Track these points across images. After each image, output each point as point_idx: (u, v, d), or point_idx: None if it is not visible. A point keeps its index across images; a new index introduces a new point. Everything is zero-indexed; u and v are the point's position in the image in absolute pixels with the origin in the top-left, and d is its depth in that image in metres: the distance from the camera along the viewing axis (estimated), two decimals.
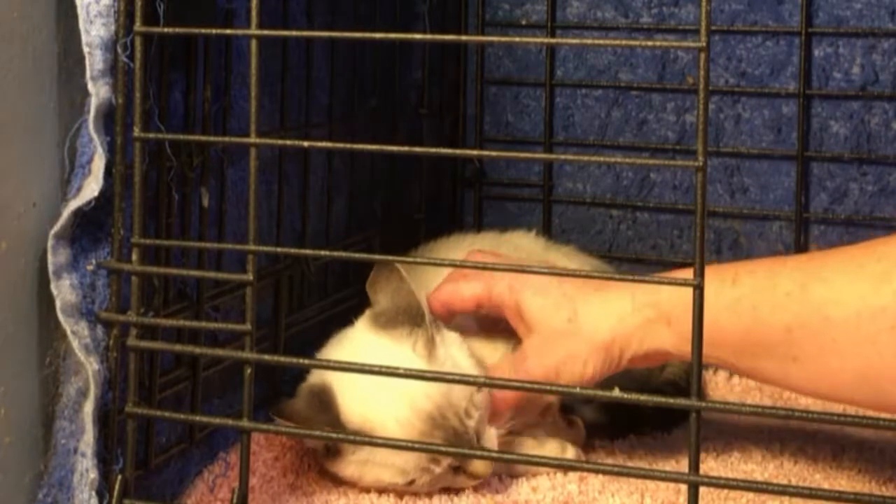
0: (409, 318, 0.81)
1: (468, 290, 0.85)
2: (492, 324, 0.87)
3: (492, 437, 0.81)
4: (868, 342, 0.70)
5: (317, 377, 0.82)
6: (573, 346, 0.80)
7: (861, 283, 0.72)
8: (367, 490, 0.81)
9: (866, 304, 0.71)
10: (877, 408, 0.74)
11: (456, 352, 0.82)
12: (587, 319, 0.80)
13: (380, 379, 0.75)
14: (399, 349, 0.80)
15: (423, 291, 0.95)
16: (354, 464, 0.80)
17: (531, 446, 0.85)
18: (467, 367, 0.81)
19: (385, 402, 0.77)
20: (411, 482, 0.78)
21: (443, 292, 0.86)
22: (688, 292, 0.74)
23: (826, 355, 0.73)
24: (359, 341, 0.83)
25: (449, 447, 0.76)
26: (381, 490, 0.80)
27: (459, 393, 0.78)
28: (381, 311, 0.82)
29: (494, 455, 0.78)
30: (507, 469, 0.84)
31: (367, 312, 0.84)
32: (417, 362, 0.79)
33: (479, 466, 0.80)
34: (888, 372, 0.70)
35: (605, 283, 0.82)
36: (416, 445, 0.75)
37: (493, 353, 0.86)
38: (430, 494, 0.80)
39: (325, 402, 0.78)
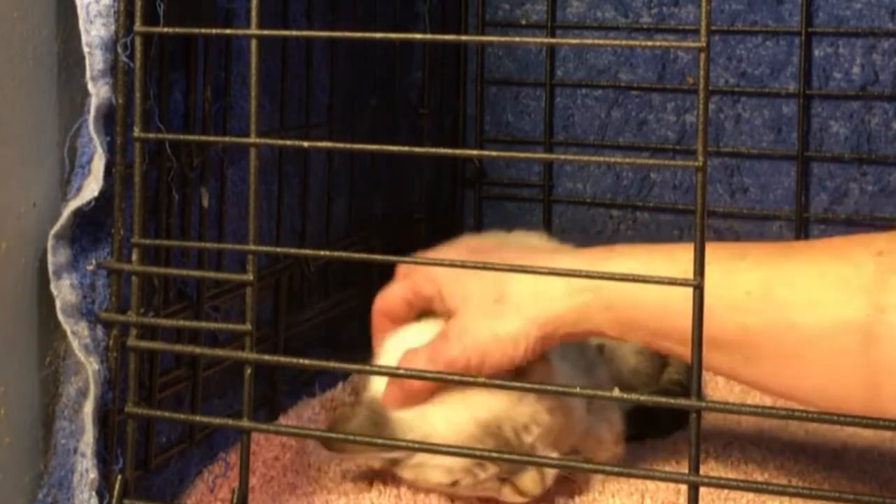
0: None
1: (394, 293, 0.83)
2: None
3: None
4: (838, 353, 0.67)
5: (373, 391, 0.81)
6: (500, 327, 0.76)
7: (833, 291, 0.68)
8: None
9: (839, 313, 0.67)
10: (822, 404, 0.70)
11: None
12: (516, 300, 0.76)
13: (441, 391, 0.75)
14: None
15: None
16: (411, 468, 0.79)
17: None
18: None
19: (442, 410, 0.76)
20: (455, 483, 0.77)
21: (377, 305, 0.84)
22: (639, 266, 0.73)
23: (786, 359, 0.70)
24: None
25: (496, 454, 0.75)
26: (430, 490, 0.80)
27: (523, 409, 0.77)
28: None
29: (493, 454, 0.77)
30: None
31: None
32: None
33: (527, 483, 0.77)
34: (857, 383, 0.67)
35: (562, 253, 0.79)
36: (456, 450, 0.73)
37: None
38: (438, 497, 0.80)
39: (380, 421, 0.77)
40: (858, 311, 0.67)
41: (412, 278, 0.82)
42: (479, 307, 0.77)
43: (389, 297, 0.84)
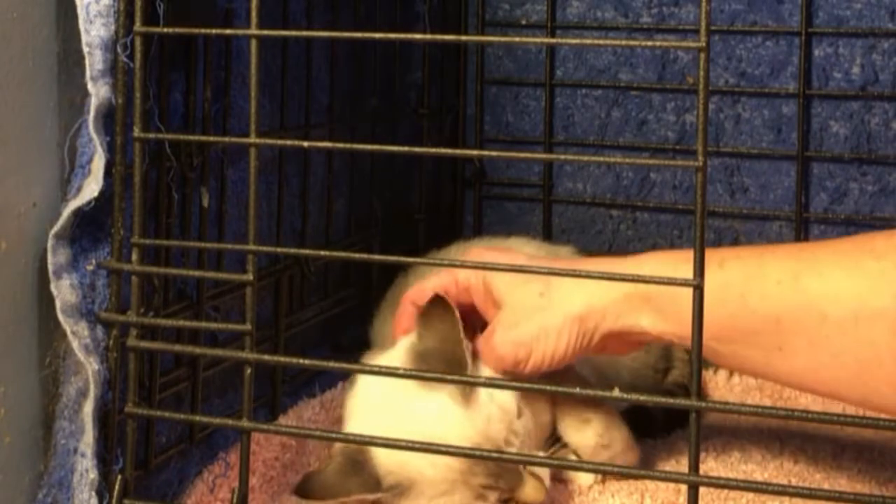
0: (450, 366, 0.77)
1: (433, 283, 0.83)
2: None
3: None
4: (866, 344, 0.69)
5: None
6: (545, 320, 0.77)
7: (858, 282, 0.70)
8: None
9: (865, 305, 0.69)
10: (863, 406, 0.72)
11: (496, 391, 0.78)
12: (560, 293, 0.78)
13: (415, 430, 0.73)
14: (435, 399, 0.76)
15: None
16: None
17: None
18: (507, 402, 0.78)
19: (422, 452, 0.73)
20: None
21: (410, 293, 0.84)
22: (674, 269, 0.73)
23: (817, 350, 0.71)
24: (395, 387, 0.78)
25: (493, 473, 0.74)
26: None
27: (497, 425, 0.76)
28: (425, 351, 0.78)
29: (502, 457, 0.75)
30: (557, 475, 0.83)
31: (411, 345, 0.79)
32: (455, 410, 0.76)
33: (530, 492, 0.76)
34: (885, 374, 0.69)
35: (580, 262, 0.80)
36: (444, 449, 0.71)
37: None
38: None
39: (358, 462, 0.75)
40: (881, 300, 0.68)
41: (451, 271, 0.83)
42: (526, 297, 0.79)
43: (427, 287, 0.83)
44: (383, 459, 0.75)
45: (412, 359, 0.79)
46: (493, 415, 0.76)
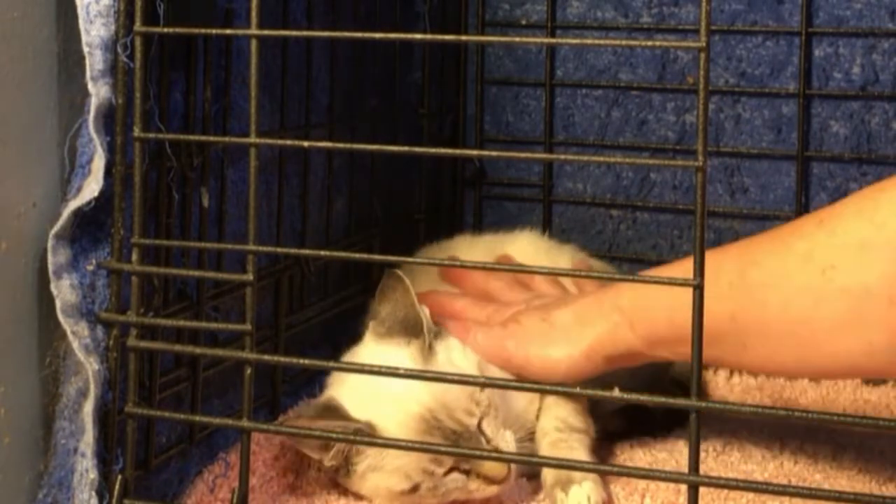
0: (407, 328, 0.82)
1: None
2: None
3: (507, 438, 0.79)
4: (799, 323, 0.71)
5: (325, 395, 0.83)
6: (550, 351, 0.82)
7: (788, 264, 0.72)
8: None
9: (793, 284, 0.71)
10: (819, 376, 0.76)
11: (457, 357, 0.82)
12: (560, 325, 0.83)
13: (377, 386, 0.77)
14: (395, 358, 0.80)
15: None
16: (365, 473, 0.78)
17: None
18: (468, 369, 0.81)
19: (384, 407, 0.77)
20: (416, 487, 0.77)
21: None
22: (646, 295, 0.78)
23: (769, 340, 0.73)
24: (361, 353, 0.84)
25: (452, 448, 0.75)
26: (393, 500, 0.79)
27: (457, 393, 0.78)
28: (382, 321, 0.83)
29: (493, 454, 0.77)
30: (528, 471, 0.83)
31: (372, 324, 0.84)
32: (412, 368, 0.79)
33: (492, 467, 0.76)
34: (823, 348, 0.71)
35: (577, 295, 0.85)
36: (417, 445, 0.74)
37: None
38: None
39: (331, 409, 0.78)
40: (806, 276, 0.71)
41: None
42: (532, 320, 0.85)
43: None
44: (353, 413, 0.78)
45: (374, 335, 0.83)
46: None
